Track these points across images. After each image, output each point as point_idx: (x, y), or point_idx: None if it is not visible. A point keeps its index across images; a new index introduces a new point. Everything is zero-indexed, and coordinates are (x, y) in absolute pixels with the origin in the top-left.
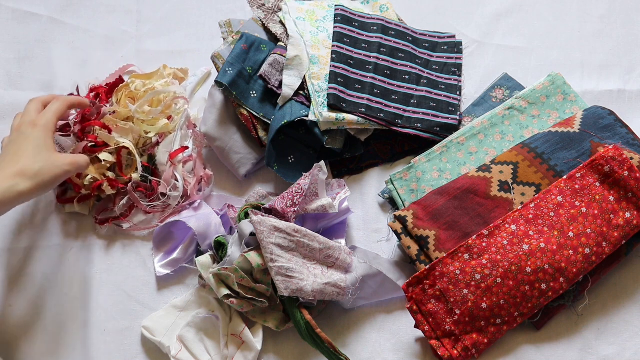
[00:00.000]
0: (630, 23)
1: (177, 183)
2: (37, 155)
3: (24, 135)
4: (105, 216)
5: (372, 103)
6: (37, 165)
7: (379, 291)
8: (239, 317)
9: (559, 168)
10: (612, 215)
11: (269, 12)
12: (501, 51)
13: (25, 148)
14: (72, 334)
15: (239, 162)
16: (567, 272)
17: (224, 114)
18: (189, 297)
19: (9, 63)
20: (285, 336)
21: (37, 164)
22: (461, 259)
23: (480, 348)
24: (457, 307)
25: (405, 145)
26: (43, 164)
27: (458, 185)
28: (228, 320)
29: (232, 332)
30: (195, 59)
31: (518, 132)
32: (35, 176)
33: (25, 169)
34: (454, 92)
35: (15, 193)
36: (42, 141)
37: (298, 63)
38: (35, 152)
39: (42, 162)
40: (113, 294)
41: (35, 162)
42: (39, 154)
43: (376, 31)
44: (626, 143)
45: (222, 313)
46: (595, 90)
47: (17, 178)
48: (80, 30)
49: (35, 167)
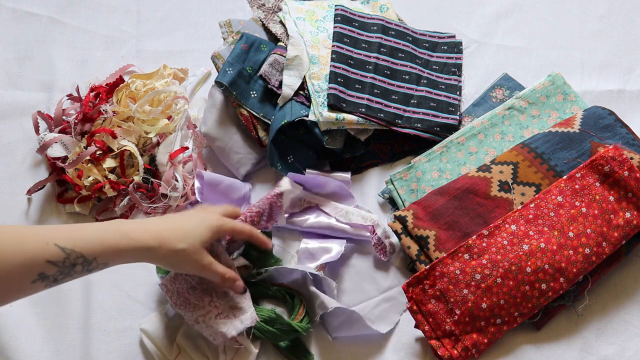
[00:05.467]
0: (630, 23)
1: (177, 183)
2: (190, 237)
3: (194, 215)
4: (106, 216)
5: (372, 103)
6: (183, 245)
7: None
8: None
9: (559, 168)
10: (612, 215)
11: (269, 12)
12: (501, 51)
13: (185, 224)
14: (72, 334)
15: (239, 162)
16: (567, 272)
17: (224, 114)
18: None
19: (9, 63)
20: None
21: (182, 244)
22: (461, 259)
23: (480, 348)
24: (457, 307)
25: (405, 145)
26: (188, 247)
27: (458, 185)
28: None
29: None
30: (195, 59)
31: (518, 132)
32: (174, 254)
33: (170, 240)
34: (454, 92)
35: (150, 253)
36: (203, 230)
37: (298, 63)
38: (190, 234)
39: (188, 246)
40: (113, 294)
41: (182, 242)
42: (193, 239)
43: (376, 31)
44: (626, 143)
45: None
46: (595, 90)
47: (159, 242)
48: (80, 30)
49: (180, 246)
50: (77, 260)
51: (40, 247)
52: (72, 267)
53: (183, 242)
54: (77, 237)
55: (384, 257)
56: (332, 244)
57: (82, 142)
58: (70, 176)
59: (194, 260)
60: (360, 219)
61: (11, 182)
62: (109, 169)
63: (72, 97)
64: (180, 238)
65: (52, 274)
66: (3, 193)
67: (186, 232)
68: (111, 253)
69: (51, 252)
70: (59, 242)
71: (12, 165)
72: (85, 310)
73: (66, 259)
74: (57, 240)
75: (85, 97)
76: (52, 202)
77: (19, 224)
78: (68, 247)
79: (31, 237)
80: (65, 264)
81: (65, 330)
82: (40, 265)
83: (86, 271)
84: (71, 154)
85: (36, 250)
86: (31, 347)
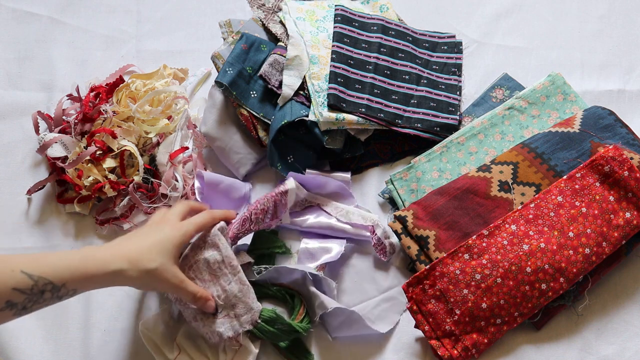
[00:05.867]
0: (630, 23)
1: (177, 183)
2: (159, 256)
3: (157, 229)
4: (106, 216)
5: (372, 103)
6: (153, 264)
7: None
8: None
9: (559, 168)
10: (612, 215)
11: (269, 12)
12: (501, 51)
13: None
14: (72, 333)
15: (239, 162)
16: (567, 272)
17: (224, 114)
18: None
19: (9, 63)
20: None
21: (153, 264)
22: (461, 259)
23: (480, 348)
24: (457, 307)
25: (405, 145)
26: (159, 266)
27: (458, 185)
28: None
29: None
30: (195, 59)
31: (518, 132)
32: (146, 274)
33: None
34: (454, 92)
35: (120, 276)
36: (170, 246)
37: (298, 63)
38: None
39: (158, 264)
40: (113, 294)
41: (153, 261)
42: (162, 256)
43: (376, 31)
44: (626, 143)
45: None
46: (595, 90)
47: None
48: (80, 30)
49: (151, 266)
50: (46, 287)
51: (5, 274)
52: (40, 294)
53: (154, 262)
54: (43, 264)
55: (384, 257)
56: (332, 244)
57: (82, 142)
58: (70, 176)
59: (166, 279)
60: (360, 219)
61: (11, 182)
62: (109, 169)
63: (72, 97)
64: (151, 258)
65: (20, 302)
66: (3, 193)
67: (155, 251)
68: (79, 278)
69: (17, 279)
70: (26, 269)
71: (12, 165)
72: (85, 310)
73: (34, 286)
74: (23, 267)
75: (85, 97)
76: (52, 202)
77: (19, 224)
78: (35, 273)
79: None
80: (34, 291)
81: (65, 330)
82: (7, 293)
83: (56, 298)
84: (71, 154)
85: (1, 277)
86: (31, 347)
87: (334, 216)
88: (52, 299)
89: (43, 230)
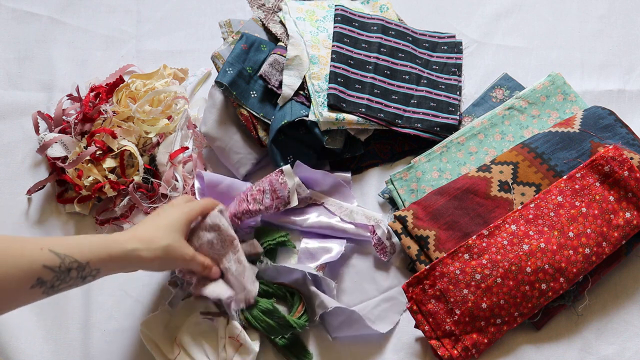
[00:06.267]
0: (630, 23)
1: (177, 183)
2: (170, 233)
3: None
4: (106, 216)
5: (372, 103)
6: (165, 241)
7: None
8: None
9: (559, 168)
10: (612, 215)
11: (269, 12)
12: (501, 51)
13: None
14: (72, 334)
15: (239, 162)
16: (567, 272)
17: (224, 114)
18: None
19: (9, 63)
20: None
21: (165, 240)
22: (461, 259)
23: (480, 348)
24: (457, 307)
25: (405, 145)
26: (172, 242)
27: (458, 185)
28: (225, 323)
29: (229, 334)
30: (195, 59)
31: (518, 132)
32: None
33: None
34: (454, 92)
35: (136, 256)
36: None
37: (298, 63)
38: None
39: (171, 241)
40: (113, 294)
41: (164, 239)
42: (173, 234)
43: (376, 31)
44: (626, 143)
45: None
46: (595, 90)
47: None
48: (80, 30)
49: (163, 243)
50: (72, 265)
51: (36, 252)
52: (67, 272)
53: (165, 239)
54: (68, 244)
55: (384, 258)
56: (332, 244)
57: (82, 142)
58: (70, 176)
59: (180, 254)
60: (364, 219)
61: (11, 182)
62: (109, 169)
63: (72, 97)
64: (162, 236)
65: (49, 280)
66: (3, 193)
67: (166, 230)
68: (101, 257)
69: (46, 257)
70: (53, 248)
71: (12, 165)
72: (85, 310)
73: (61, 264)
74: (50, 246)
75: (85, 97)
76: (52, 202)
77: (19, 224)
78: (62, 252)
79: (26, 244)
80: (61, 269)
81: (65, 330)
82: (38, 270)
83: (80, 279)
84: (71, 154)
85: (32, 255)
86: (31, 347)
87: (337, 215)
88: (77, 278)
89: (43, 230)
